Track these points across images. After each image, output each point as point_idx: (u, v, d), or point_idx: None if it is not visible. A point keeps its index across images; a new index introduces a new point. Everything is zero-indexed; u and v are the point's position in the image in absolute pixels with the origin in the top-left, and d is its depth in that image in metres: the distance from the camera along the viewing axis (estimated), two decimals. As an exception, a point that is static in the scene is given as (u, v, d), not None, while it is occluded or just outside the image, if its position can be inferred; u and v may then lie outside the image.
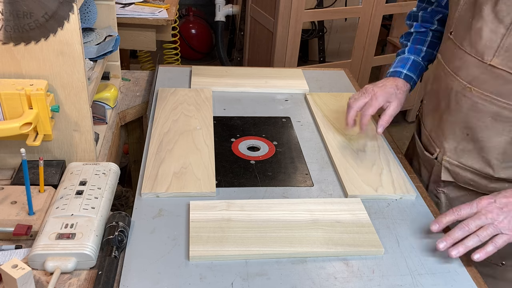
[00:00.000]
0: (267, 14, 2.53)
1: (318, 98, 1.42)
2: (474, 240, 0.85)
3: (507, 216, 0.85)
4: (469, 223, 0.86)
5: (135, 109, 1.38)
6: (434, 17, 1.21)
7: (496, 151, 1.00)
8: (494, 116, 0.97)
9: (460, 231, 0.86)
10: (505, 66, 0.93)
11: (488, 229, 0.85)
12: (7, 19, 0.89)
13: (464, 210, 0.88)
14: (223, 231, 0.89)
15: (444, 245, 0.86)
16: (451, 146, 1.08)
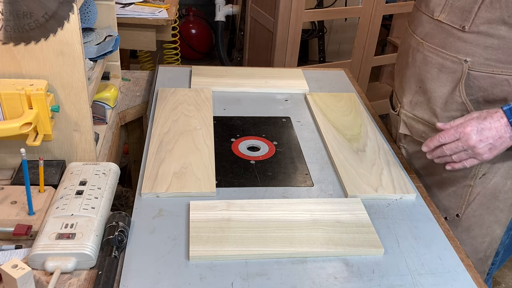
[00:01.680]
0: (267, 14, 2.53)
1: (318, 98, 1.42)
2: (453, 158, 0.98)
3: (485, 143, 0.94)
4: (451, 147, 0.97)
5: (135, 109, 1.38)
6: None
7: (440, 100, 1.10)
8: (440, 68, 1.08)
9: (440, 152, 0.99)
10: (448, 21, 1.04)
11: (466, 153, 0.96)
12: (7, 19, 0.89)
13: (448, 136, 0.97)
14: (223, 231, 0.89)
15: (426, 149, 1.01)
16: (407, 100, 1.18)
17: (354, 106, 1.39)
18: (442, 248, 0.92)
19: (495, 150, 0.94)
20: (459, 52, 1.03)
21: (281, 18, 2.41)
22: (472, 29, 1.00)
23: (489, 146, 0.94)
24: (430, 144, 1.00)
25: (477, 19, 0.99)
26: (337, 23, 3.45)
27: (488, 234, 1.14)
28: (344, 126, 1.28)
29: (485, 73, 1.01)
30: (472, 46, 1.01)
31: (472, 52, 1.01)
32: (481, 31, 0.99)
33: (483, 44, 0.99)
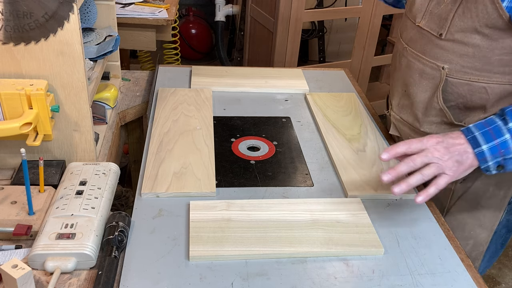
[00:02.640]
0: (267, 14, 2.53)
1: (318, 98, 1.42)
2: (417, 177, 0.86)
3: (451, 156, 0.87)
4: (415, 159, 0.87)
5: (135, 109, 1.38)
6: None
7: (421, 105, 1.09)
8: (421, 73, 1.07)
9: (405, 166, 0.87)
10: (428, 27, 1.04)
11: (432, 168, 0.86)
12: (7, 19, 0.89)
13: (415, 144, 0.89)
14: (223, 231, 0.89)
15: (388, 178, 0.87)
16: (395, 102, 1.19)
17: (354, 106, 1.39)
18: (442, 248, 0.92)
19: (461, 165, 0.88)
20: (437, 59, 1.03)
21: (281, 18, 2.41)
22: (448, 36, 1.00)
23: (457, 159, 0.88)
24: (393, 150, 0.89)
25: (452, 27, 0.99)
26: (337, 23, 3.45)
27: (471, 237, 1.14)
28: (344, 126, 1.28)
29: (462, 80, 1.01)
30: (449, 54, 1.01)
31: (449, 59, 1.01)
32: (457, 39, 0.99)
33: (459, 52, 0.99)
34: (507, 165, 0.89)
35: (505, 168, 0.89)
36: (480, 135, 0.88)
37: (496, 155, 0.87)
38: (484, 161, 0.88)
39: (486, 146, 0.87)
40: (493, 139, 0.87)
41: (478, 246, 1.15)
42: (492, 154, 0.88)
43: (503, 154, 0.87)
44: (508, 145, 0.87)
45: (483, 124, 0.90)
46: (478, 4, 0.93)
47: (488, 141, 0.88)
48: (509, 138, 0.87)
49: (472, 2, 0.95)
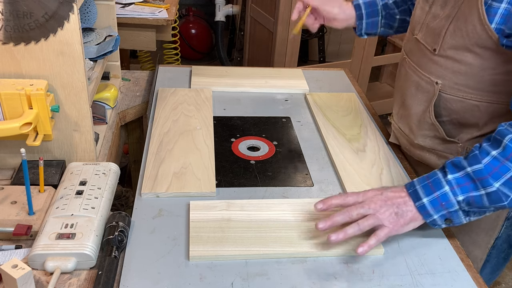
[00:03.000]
0: (267, 14, 2.53)
1: (318, 98, 1.42)
2: (354, 228, 0.85)
3: (389, 208, 0.86)
4: (351, 210, 0.86)
5: (135, 109, 1.38)
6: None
7: (415, 118, 1.10)
8: (416, 86, 1.08)
9: (341, 216, 0.86)
10: (424, 41, 1.04)
11: (369, 220, 0.85)
12: (7, 19, 0.89)
13: (351, 197, 0.89)
14: (223, 231, 0.89)
15: (323, 226, 0.85)
16: (395, 111, 1.21)
17: (354, 106, 1.39)
18: (442, 248, 0.92)
19: (401, 218, 0.86)
20: (431, 74, 1.03)
21: (281, 18, 2.41)
22: (441, 52, 1.00)
23: (395, 211, 0.86)
24: (328, 202, 0.89)
25: (444, 43, 0.98)
26: (337, 23, 3.44)
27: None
28: (344, 126, 1.28)
29: (455, 97, 1.00)
30: (442, 69, 1.00)
31: (443, 75, 1.00)
32: (449, 55, 0.98)
33: (452, 68, 0.98)
34: (453, 218, 0.87)
35: (453, 222, 0.87)
36: (421, 188, 0.87)
37: (438, 208, 0.85)
38: (427, 214, 0.86)
39: (427, 199, 0.85)
40: (432, 192, 0.85)
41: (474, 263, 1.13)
42: (433, 207, 0.85)
43: (445, 207, 0.85)
44: (448, 198, 0.84)
45: (425, 178, 0.88)
46: (467, 24, 0.93)
47: (428, 194, 0.86)
48: (448, 190, 0.84)
49: (462, 21, 0.94)
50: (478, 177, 0.83)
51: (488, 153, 0.83)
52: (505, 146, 0.82)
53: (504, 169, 0.81)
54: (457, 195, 0.84)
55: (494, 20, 0.88)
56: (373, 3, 1.27)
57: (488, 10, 0.88)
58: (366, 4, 1.27)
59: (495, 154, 0.83)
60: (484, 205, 0.83)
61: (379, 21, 1.28)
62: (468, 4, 0.93)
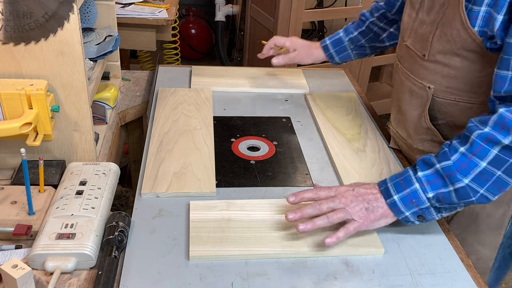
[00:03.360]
0: (267, 14, 2.53)
1: (318, 98, 1.42)
2: (323, 220, 0.86)
3: (359, 204, 0.87)
4: (322, 203, 0.87)
5: (135, 109, 1.38)
6: (377, 12, 1.34)
7: (412, 123, 1.10)
8: (410, 91, 1.08)
9: (312, 209, 0.87)
10: (413, 47, 1.05)
11: (338, 213, 0.86)
12: (7, 19, 0.89)
13: (323, 191, 0.90)
14: (223, 231, 0.89)
15: (293, 217, 0.86)
16: (393, 116, 1.21)
17: (354, 106, 1.39)
18: (442, 248, 0.92)
19: (371, 213, 0.87)
20: (423, 79, 1.03)
21: (281, 18, 2.41)
22: (430, 58, 1.00)
23: (366, 206, 0.87)
24: (301, 195, 0.90)
25: (432, 49, 0.99)
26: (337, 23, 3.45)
27: (472, 253, 1.13)
28: (344, 126, 1.28)
29: (449, 100, 1.01)
30: (433, 74, 1.01)
31: (434, 80, 1.01)
32: (438, 60, 0.99)
33: (441, 73, 0.99)
34: (425, 215, 0.87)
35: (426, 218, 0.88)
36: (392, 185, 0.88)
37: (409, 205, 0.86)
38: (399, 211, 0.87)
39: (397, 196, 0.87)
40: (403, 189, 0.86)
41: (481, 263, 1.14)
42: (404, 204, 0.86)
43: (416, 204, 0.86)
44: (418, 195, 0.85)
45: (397, 175, 0.89)
46: (452, 29, 0.94)
47: (398, 191, 0.87)
48: (418, 187, 0.85)
49: (447, 26, 0.95)
50: (446, 173, 0.84)
51: (457, 149, 0.84)
52: (472, 142, 0.83)
53: (472, 164, 0.82)
54: (427, 192, 0.85)
55: (476, 23, 0.89)
56: (339, 40, 1.38)
57: (469, 15, 0.89)
58: (333, 43, 1.39)
59: (463, 150, 0.84)
60: (453, 201, 0.84)
61: (351, 54, 1.40)
62: (451, 9, 0.94)
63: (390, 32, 1.35)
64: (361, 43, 1.37)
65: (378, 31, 1.35)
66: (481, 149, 0.82)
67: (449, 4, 0.95)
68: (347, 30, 1.38)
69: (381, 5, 1.33)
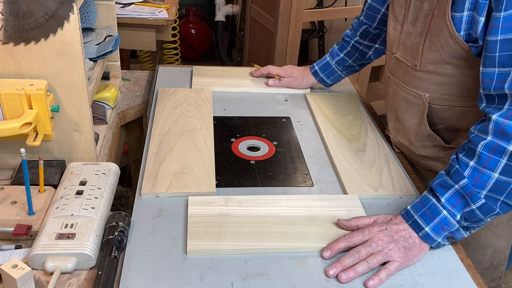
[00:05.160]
0: (267, 14, 2.53)
1: (318, 98, 1.42)
2: (364, 266, 0.83)
3: (396, 243, 0.85)
4: (360, 250, 0.85)
5: (135, 109, 1.38)
6: (359, 29, 1.34)
7: (413, 131, 1.11)
8: (406, 101, 1.09)
9: (351, 258, 0.84)
10: (404, 59, 1.06)
11: (378, 256, 0.84)
12: (7, 19, 0.89)
13: (356, 237, 0.87)
14: (220, 226, 0.90)
15: (334, 272, 0.83)
16: (391, 125, 1.22)
17: (354, 106, 1.39)
18: (442, 248, 0.92)
19: (410, 251, 0.85)
20: (417, 88, 1.04)
21: (281, 18, 2.41)
22: (422, 68, 1.01)
23: (404, 245, 0.86)
24: (335, 247, 0.87)
25: (423, 59, 1.00)
26: (337, 23, 3.44)
27: (489, 246, 1.13)
28: (344, 126, 1.28)
29: (445, 106, 1.02)
30: (426, 83, 1.02)
31: (428, 89, 1.02)
32: (430, 70, 1.00)
33: (435, 81, 1.00)
34: (455, 235, 0.88)
35: (455, 238, 0.89)
36: (419, 217, 0.87)
37: (441, 232, 0.86)
38: (432, 240, 0.87)
39: (429, 228, 0.86)
40: (432, 219, 0.86)
41: (499, 254, 1.15)
42: (436, 233, 0.86)
43: (447, 229, 0.86)
44: (448, 221, 0.86)
45: (419, 205, 0.88)
46: (440, 39, 0.94)
47: (428, 222, 0.86)
48: (446, 214, 0.85)
49: (435, 37, 0.96)
50: (466, 192, 0.84)
51: (467, 164, 0.84)
52: (480, 154, 0.83)
53: (485, 178, 0.82)
54: (455, 216, 0.85)
55: (462, 28, 0.90)
56: (327, 64, 1.41)
57: (453, 21, 0.91)
58: (321, 69, 1.42)
59: (473, 164, 0.84)
60: (479, 217, 0.84)
61: (341, 74, 1.43)
62: (437, 20, 0.95)
63: (375, 48, 1.38)
64: (348, 63, 1.39)
65: (364, 49, 1.37)
66: (489, 160, 0.82)
67: (433, 15, 0.96)
68: (333, 53, 1.41)
69: (362, 20, 1.33)
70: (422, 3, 0.99)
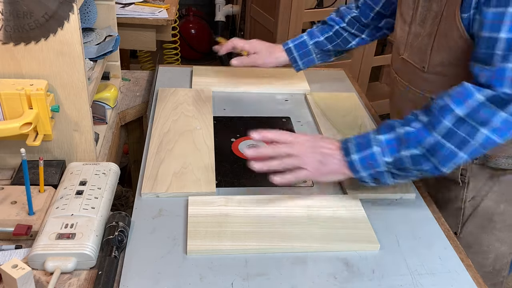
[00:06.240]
0: (267, 14, 2.53)
1: (318, 98, 1.42)
2: (277, 162, 0.90)
3: (315, 155, 0.91)
4: (280, 147, 0.92)
5: (135, 109, 1.38)
6: (348, 15, 1.30)
7: None
8: (413, 102, 1.08)
9: (270, 150, 0.92)
10: (411, 60, 1.06)
11: (293, 159, 0.90)
12: (7, 19, 0.89)
13: (285, 136, 0.93)
14: (220, 226, 0.90)
15: (251, 153, 0.92)
16: None
17: (354, 106, 1.39)
18: (442, 248, 0.92)
19: (324, 166, 0.91)
20: (425, 90, 1.04)
21: (281, 18, 2.41)
22: (430, 70, 1.01)
23: (319, 159, 0.91)
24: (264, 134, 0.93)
25: (431, 61, 1.00)
26: (337, 23, 3.44)
27: (491, 251, 1.13)
28: (344, 126, 1.28)
29: None
30: (434, 85, 1.02)
31: (436, 90, 1.00)
32: (438, 71, 0.99)
33: (443, 83, 0.99)
34: (380, 178, 0.90)
35: (381, 181, 0.91)
36: (353, 145, 0.90)
37: (366, 166, 0.89)
38: (355, 171, 0.90)
39: (356, 156, 0.89)
40: (361, 151, 0.89)
41: (501, 259, 1.15)
42: (361, 165, 0.89)
43: (372, 166, 0.88)
44: (375, 157, 0.88)
45: (360, 136, 0.92)
46: (449, 40, 0.94)
47: (358, 151, 0.89)
48: (377, 151, 0.88)
49: (444, 38, 0.95)
50: (406, 137, 0.86)
51: (418, 118, 0.87)
52: (431, 111, 0.86)
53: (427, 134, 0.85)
54: (386, 156, 0.88)
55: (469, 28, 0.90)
56: (303, 43, 1.33)
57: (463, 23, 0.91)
58: (296, 47, 1.33)
59: (424, 120, 0.86)
60: (406, 166, 0.87)
61: (315, 58, 1.34)
62: (446, 21, 0.94)
63: (362, 38, 1.33)
64: (327, 48, 1.33)
65: (348, 37, 1.31)
66: (436, 119, 0.84)
67: (442, 16, 0.95)
68: (312, 33, 1.34)
69: (354, 12, 1.29)
70: (431, 4, 0.98)
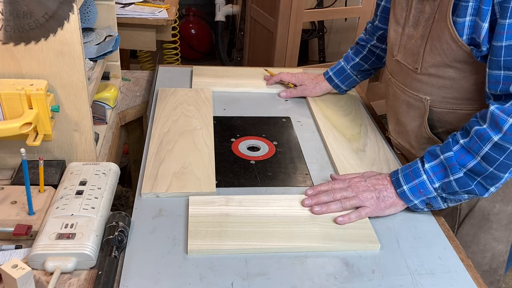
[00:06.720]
0: (267, 14, 2.53)
1: (318, 98, 1.42)
2: (337, 205, 0.95)
3: (371, 193, 0.96)
4: (336, 191, 0.97)
5: (135, 109, 1.38)
6: (376, 33, 1.32)
7: (413, 134, 1.12)
8: (407, 104, 1.10)
9: (326, 197, 0.97)
10: (405, 61, 1.07)
11: (351, 200, 0.95)
12: (7, 19, 0.89)
13: (338, 184, 0.99)
14: (221, 226, 0.90)
15: (308, 203, 0.96)
16: (392, 128, 1.22)
17: (354, 106, 1.39)
18: (442, 248, 0.92)
19: (382, 202, 0.95)
20: (418, 91, 1.05)
21: (281, 18, 2.41)
22: (423, 71, 1.02)
23: (377, 195, 0.96)
24: (318, 188, 1.00)
25: (424, 62, 1.01)
26: (337, 23, 3.45)
27: (488, 250, 1.14)
28: (344, 126, 1.28)
29: (446, 109, 1.03)
30: (428, 86, 1.03)
31: (430, 92, 1.03)
32: (431, 73, 1.00)
33: (437, 84, 1.01)
34: (433, 203, 0.95)
35: (433, 206, 0.96)
36: (402, 176, 0.96)
37: (417, 195, 0.94)
38: (408, 200, 0.95)
39: (406, 187, 0.94)
40: (412, 180, 0.94)
41: (498, 257, 1.16)
42: (413, 194, 0.94)
43: (424, 194, 0.94)
44: (425, 185, 0.93)
45: (407, 167, 0.97)
46: (442, 42, 0.95)
47: (408, 182, 0.95)
48: (425, 179, 0.93)
49: (437, 40, 0.96)
50: (449, 164, 0.91)
51: (458, 141, 0.91)
52: (471, 137, 0.90)
53: (468, 157, 0.89)
54: (434, 183, 0.93)
55: (464, 33, 0.92)
56: (342, 70, 1.39)
57: (456, 26, 0.92)
58: (336, 74, 1.40)
59: (463, 143, 0.90)
60: (455, 189, 0.91)
61: (356, 79, 1.40)
62: (438, 23, 0.95)
63: None
64: (364, 67, 1.37)
65: (381, 53, 1.34)
66: (476, 144, 0.88)
67: (434, 18, 0.96)
68: (347, 58, 1.39)
69: (377, 24, 1.31)
70: (424, 6, 0.99)
